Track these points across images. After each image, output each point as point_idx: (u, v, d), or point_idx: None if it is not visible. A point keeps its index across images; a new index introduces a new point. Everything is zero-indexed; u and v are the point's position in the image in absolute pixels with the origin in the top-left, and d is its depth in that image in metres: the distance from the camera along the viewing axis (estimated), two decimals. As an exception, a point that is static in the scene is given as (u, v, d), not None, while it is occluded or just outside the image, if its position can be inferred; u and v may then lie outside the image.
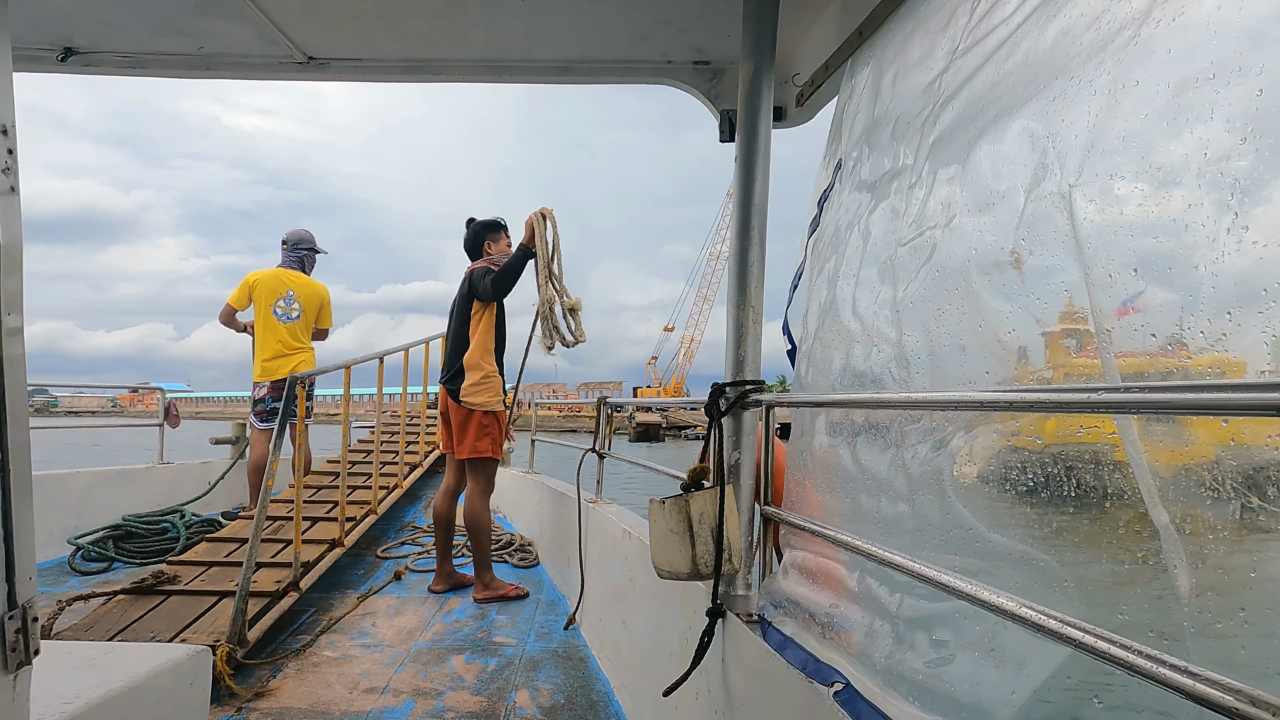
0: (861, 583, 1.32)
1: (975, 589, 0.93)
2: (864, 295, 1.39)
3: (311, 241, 5.52)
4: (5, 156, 1.18)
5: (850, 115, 1.80)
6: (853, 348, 1.42)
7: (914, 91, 1.37)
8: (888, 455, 1.26)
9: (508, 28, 2.33)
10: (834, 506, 1.48)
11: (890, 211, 1.34)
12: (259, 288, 5.19)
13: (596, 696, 2.91)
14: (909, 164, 1.31)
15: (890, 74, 1.55)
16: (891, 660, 1.17)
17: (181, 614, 3.21)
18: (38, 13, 2.25)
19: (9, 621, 1.22)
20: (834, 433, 1.52)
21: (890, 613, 1.21)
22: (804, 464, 1.67)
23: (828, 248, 1.71)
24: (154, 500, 5.43)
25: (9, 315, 1.20)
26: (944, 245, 1.15)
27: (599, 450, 3.91)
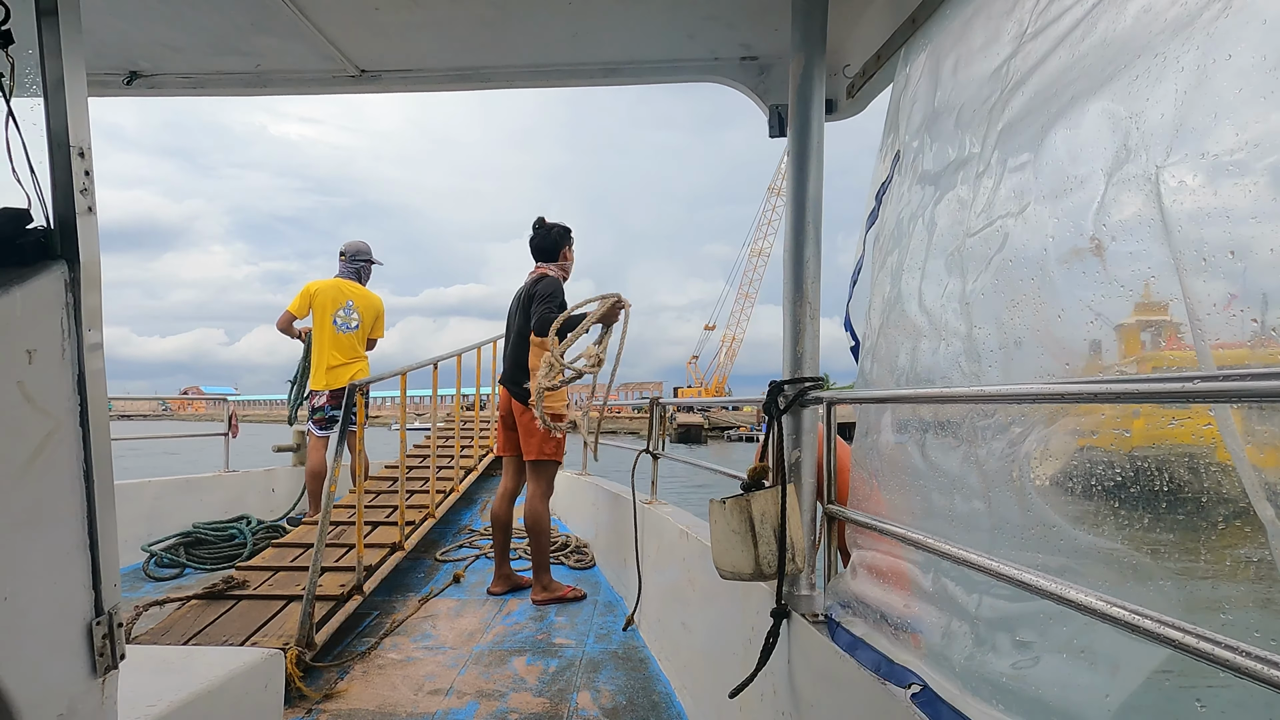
0: (936, 583, 1.29)
1: (1061, 588, 0.89)
2: (931, 288, 1.35)
3: (368, 253, 5.63)
4: (83, 178, 1.23)
5: (907, 105, 1.76)
6: (920, 342, 1.38)
7: (979, 78, 1.33)
8: (960, 452, 1.22)
9: (554, 32, 2.34)
10: (904, 505, 1.44)
11: (956, 202, 1.30)
12: (319, 297, 5.31)
13: (658, 698, 2.90)
14: (975, 152, 1.27)
15: (950, 61, 1.50)
16: (972, 662, 1.14)
17: (251, 618, 3.29)
18: (104, 39, 2.34)
19: (96, 628, 1.27)
20: (902, 430, 1.48)
21: (969, 613, 1.18)
22: (870, 462, 1.64)
23: (889, 241, 1.68)
24: (221, 507, 5.60)
25: (89, 331, 1.25)
26: (1017, 234, 1.11)
27: (653, 451, 3.91)
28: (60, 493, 1.20)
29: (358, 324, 5.37)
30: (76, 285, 1.21)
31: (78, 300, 1.21)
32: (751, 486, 1.90)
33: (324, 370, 5.31)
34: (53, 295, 1.17)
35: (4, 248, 1.14)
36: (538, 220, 4.37)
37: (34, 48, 1.20)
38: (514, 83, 2.61)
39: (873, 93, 2.33)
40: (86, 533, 1.25)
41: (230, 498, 5.77)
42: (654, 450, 3.91)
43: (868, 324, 1.76)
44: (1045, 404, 1.10)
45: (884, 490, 1.54)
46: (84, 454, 1.24)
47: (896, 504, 1.47)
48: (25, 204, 1.18)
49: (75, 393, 1.22)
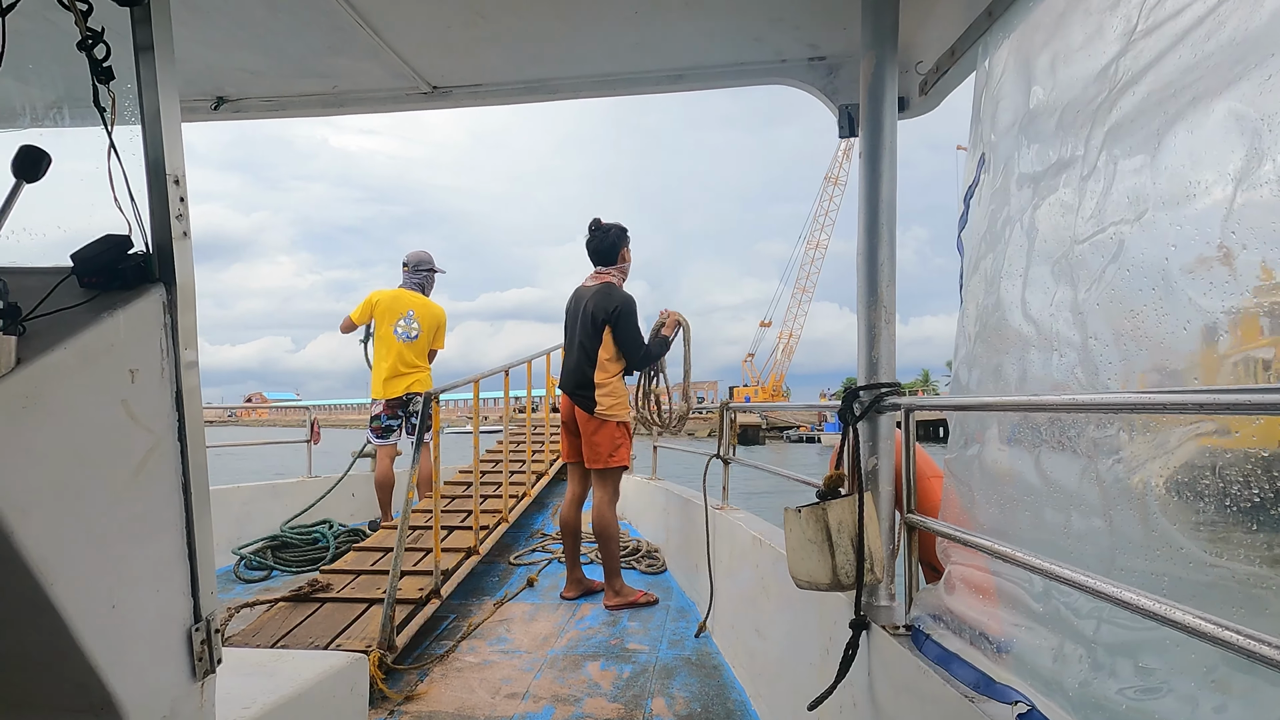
0: (1046, 602, 1.24)
1: (1187, 616, 0.83)
2: (1035, 296, 1.30)
3: (430, 263, 5.74)
4: (178, 204, 1.29)
5: (991, 104, 1.70)
6: (1027, 352, 1.33)
7: (1083, 77, 1.26)
8: (1077, 465, 1.16)
9: (620, 41, 2.35)
10: (1008, 520, 1.38)
11: (1060, 206, 1.24)
12: (380, 306, 5.43)
13: (733, 705, 2.88)
14: (1079, 155, 1.21)
15: (1045, 58, 1.44)
16: (1088, 688, 1.08)
17: (336, 620, 3.40)
18: (194, 67, 2.45)
19: (195, 633, 1.32)
20: (1013, 441, 1.42)
21: (1084, 635, 1.13)
22: (968, 474, 1.58)
23: (981, 246, 1.62)
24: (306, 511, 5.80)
25: (185, 350, 1.31)
26: (1134, 242, 1.05)
27: (724, 456, 3.89)
28: (161, 505, 1.26)
29: (418, 333, 5.46)
30: (174, 307, 1.27)
31: (175, 321, 1.27)
32: (827, 495, 1.87)
33: (382, 380, 5.43)
34: (152, 317, 1.24)
35: (108, 273, 1.21)
36: (594, 222, 4.37)
37: (132, 81, 1.27)
38: (580, 93, 2.63)
39: (947, 89, 2.27)
40: (185, 543, 1.31)
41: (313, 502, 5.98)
42: (725, 455, 3.88)
43: (961, 331, 1.70)
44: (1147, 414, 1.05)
45: (986, 504, 1.48)
46: (182, 467, 1.30)
47: (997, 517, 1.41)
48: (126, 230, 1.25)
49: (174, 409, 1.28)
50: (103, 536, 1.13)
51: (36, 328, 1.07)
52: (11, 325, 1.00)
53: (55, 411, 1.05)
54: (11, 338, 0.99)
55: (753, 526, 3.25)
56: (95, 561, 1.12)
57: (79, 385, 1.09)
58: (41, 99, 1.53)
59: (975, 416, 1.61)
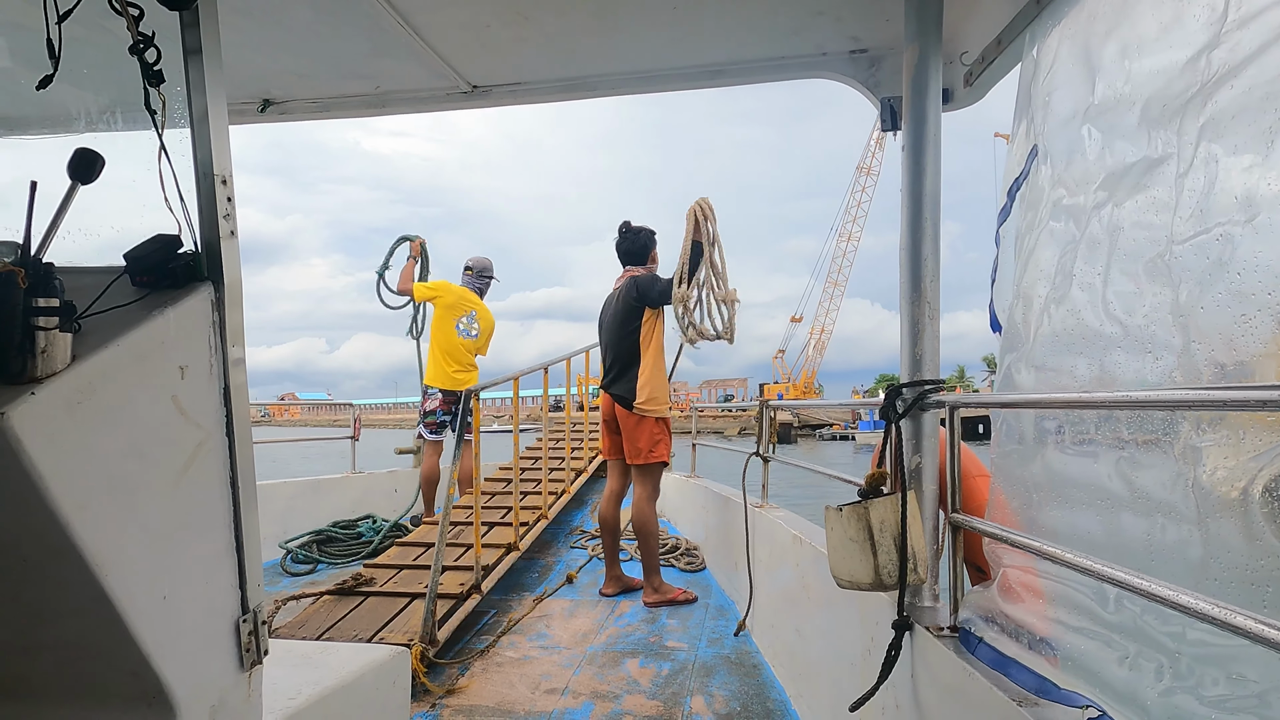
0: (1117, 606, 1.19)
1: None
2: (1123, 297, 1.24)
3: (492, 270, 5.88)
4: (226, 204, 1.31)
5: (1042, 95, 1.64)
6: (1109, 354, 1.27)
7: (1165, 69, 1.20)
8: (1169, 470, 1.11)
9: (658, 37, 2.34)
10: (1075, 524, 1.33)
11: (1153, 204, 1.19)
12: (450, 297, 5.53)
13: (773, 705, 2.86)
14: (1171, 151, 1.16)
15: (1113, 49, 1.38)
16: (1170, 696, 1.04)
17: (379, 614, 3.45)
18: (241, 71, 2.50)
19: (243, 625, 1.35)
20: (1080, 441, 1.37)
21: (1164, 645, 1.08)
22: (1024, 475, 1.52)
23: (1036, 240, 1.56)
24: (348, 506, 5.91)
25: (233, 347, 1.33)
26: (1246, 245, 1.01)
27: (763, 454, 3.86)
28: (210, 499, 1.29)
29: (476, 334, 5.58)
30: (221, 305, 1.30)
31: (223, 319, 1.30)
32: (869, 493, 1.84)
33: (447, 372, 5.52)
34: (201, 315, 1.26)
35: (159, 272, 1.23)
36: (624, 224, 4.41)
37: (181, 85, 1.30)
38: (619, 90, 2.63)
39: (992, 80, 2.21)
40: (233, 536, 1.34)
41: (356, 497, 6.08)
42: (764, 453, 3.86)
43: (1014, 328, 1.64)
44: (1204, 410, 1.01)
45: (1047, 505, 1.43)
46: (230, 462, 1.32)
47: (1067, 522, 1.36)
48: (176, 230, 1.28)
49: (222, 405, 1.30)
50: (155, 530, 1.16)
51: (91, 325, 1.09)
52: (67, 323, 1.02)
53: (109, 407, 1.08)
54: (67, 335, 1.02)
55: (793, 525, 3.22)
56: (148, 554, 1.15)
57: (131, 381, 1.12)
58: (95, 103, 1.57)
59: (1031, 415, 1.56)
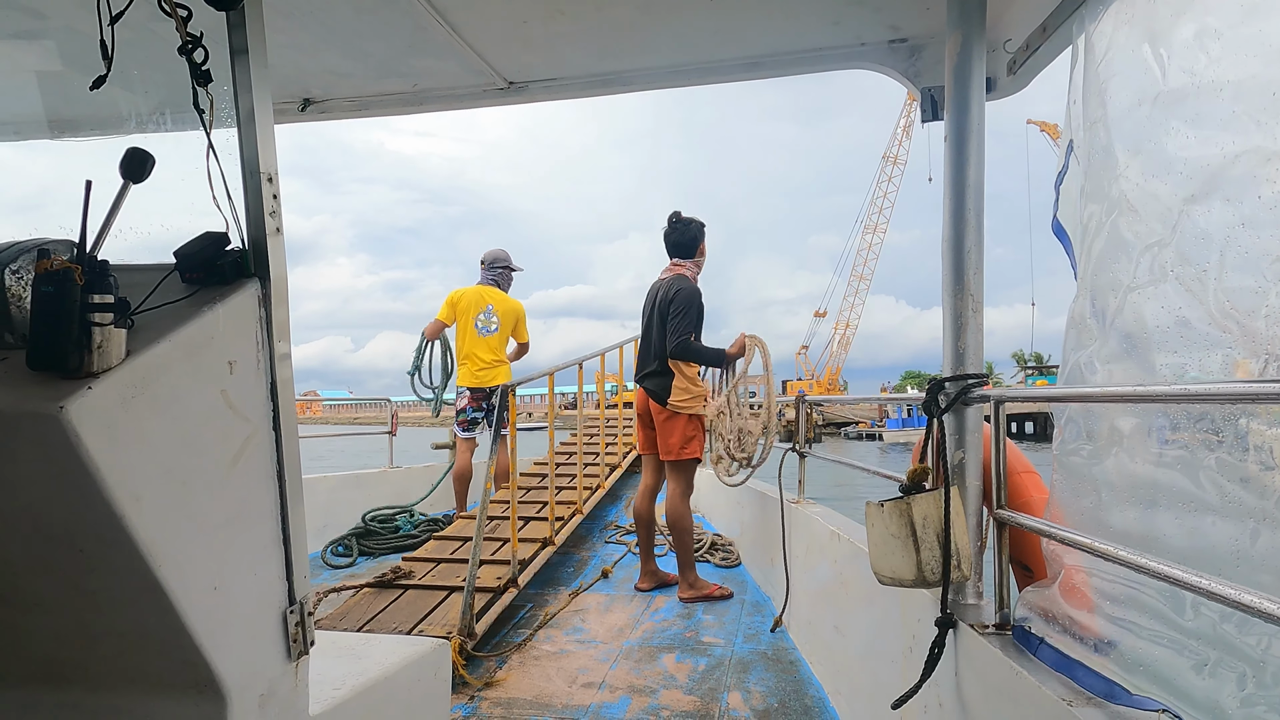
0: (1194, 612, 1.16)
1: None
2: (1238, 294, 1.19)
3: (507, 260, 5.86)
4: (272, 201, 1.33)
5: (1095, 81, 1.59)
6: (1211, 354, 1.22)
7: (1261, 51, 1.16)
8: (1261, 475, 1.07)
9: (695, 30, 2.33)
10: (1152, 528, 1.29)
11: (1267, 200, 1.14)
12: (462, 303, 5.57)
13: (810, 702, 2.84)
14: None
15: (1187, 30, 1.32)
16: (1252, 708, 1.02)
17: (418, 606, 3.50)
18: (283, 70, 2.54)
19: (290, 616, 1.37)
20: (1162, 442, 1.32)
21: (1243, 650, 1.05)
22: (1093, 474, 1.48)
23: (1105, 234, 1.50)
24: (386, 500, 5.99)
25: (279, 342, 1.35)
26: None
27: (800, 449, 3.83)
28: (258, 492, 1.31)
29: (497, 327, 5.58)
30: (268, 300, 1.32)
31: (269, 314, 1.32)
32: (911, 489, 1.81)
33: (470, 371, 5.56)
34: (249, 310, 1.28)
35: (208, 268, 1.26)
36: (674, 214, 4.37)
37: (228, 84, 1.32)
38: (656, 84, 2.62)
39: (1037, 68, 2.16)
40: (280, 528, 1.36)
41: (395, 492, 6.16)
42: (801, 449, 3.83)
43: (1080, 326, 1.59)
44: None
45: (1118, 506, 1.38)
46: (277, 456, 1.34)
47: (1143, 525, 1.32)
48: (224, 227, 1.30)
49: (269, 399, 1.32)
50: (205, 521, 1.18)
51: (143, 321, 1.12)
52: (122, 319, 1.05)
53: (162, 401, 1.10)
54: (122, 330, 1.04)
55: (830, 521, 3.20)
56: (199, 545, 1.17)
57: (183, 376, 1.14)
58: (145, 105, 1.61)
59: (1101, 412, 1.50)
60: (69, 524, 1.07)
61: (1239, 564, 1.10)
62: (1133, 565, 1.19)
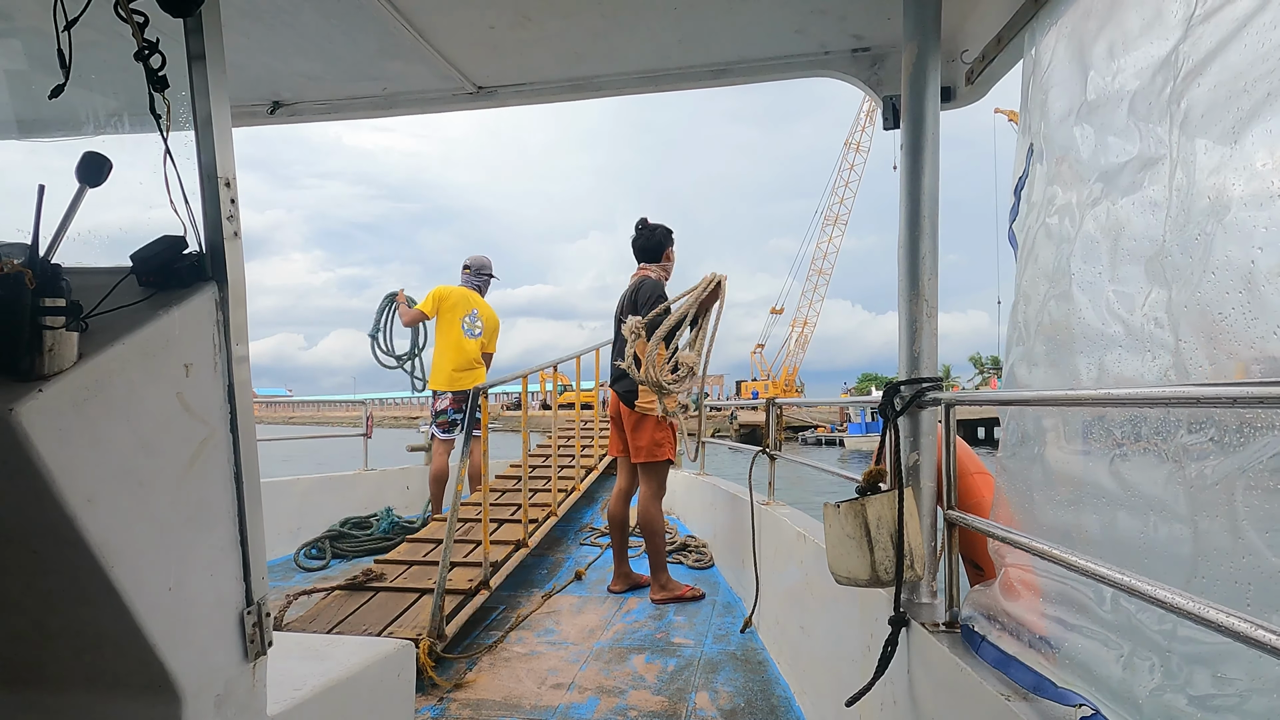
0: (1114, 606, 1.20)
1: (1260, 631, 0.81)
2: (1124, 297, 1.25)
3: (490, 268, 5.90)
4: (229, 206, 1.34)
5: (1040, 93, 1.64)
6: (1109, 353, 1.28)
7: (1150, 64, 1.21)
8: (1164, 469, 1.12)
9: (662, 38, 2.36)
10: (1073, 523, 1.34)
11: (1149, 204, 1.19)
12: (448, 300, 5.56)
13: (776, 701, 2.87)
14: (1163, 153, 1.16)
15: (1102, 46, 1.38)
16: (1160, 697, 1.06)
17: (388, 609, 3.50)
18: (252, 72, 2.54)
19: (248, 616, 1.38)
20: (1080, 440, 1.37)
21: (1158, 644, 1.09)
22: (1026, 474, 1.53)
23: (1035, 239, 1.56)
24: (361, 503, 5.97)
25: (237, 345, 1.36)
26: (1219, 244, 1.02)
27: (770, 452, 3.87)
28: (216, 493, 1.32)
29: (480, 331, 5.61)
30: (225, 304, 1.33)
31: (227, 317, 1.33)
32: (867, 490, 1.85)
33: (448, 372, 5.55)
34: (206, 314, 1.29)
35: (165, 272, 1.27)
36: (641, 221, 4.42)
37: (186, 89, 1.33)
38: (624, 90, 2.65)
39: (994, 78, 2.22)
40: (238, 530, 1.37)
41: (369, 494, 6.14)
42: (771, 451, 3.87)
43: (1015, 327, 1.64)
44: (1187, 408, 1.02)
45: (1049, 505, 1.43)
46: (235, 458, 1.35)
47: (1066, 521, 1.37)
48: (181, 231, 1.31)
49: (226, 402, 1.34)
50: (161, 523, 1.19)
51: (98, 324, 1.13)
52: (74, 322, 1.05)
53: (116, 403, 1.11)
54: (74, 334, 1.05)
55: (797, 522, 3.24)
56: (154, 547, 1.18)
57: (138, 378, 1.15)
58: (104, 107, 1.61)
59: (1033, 415, 1.56)
60: (22, 525, 1.07)
61: (1145, 557, 1.15)
62: (1051, 558, 1.24)
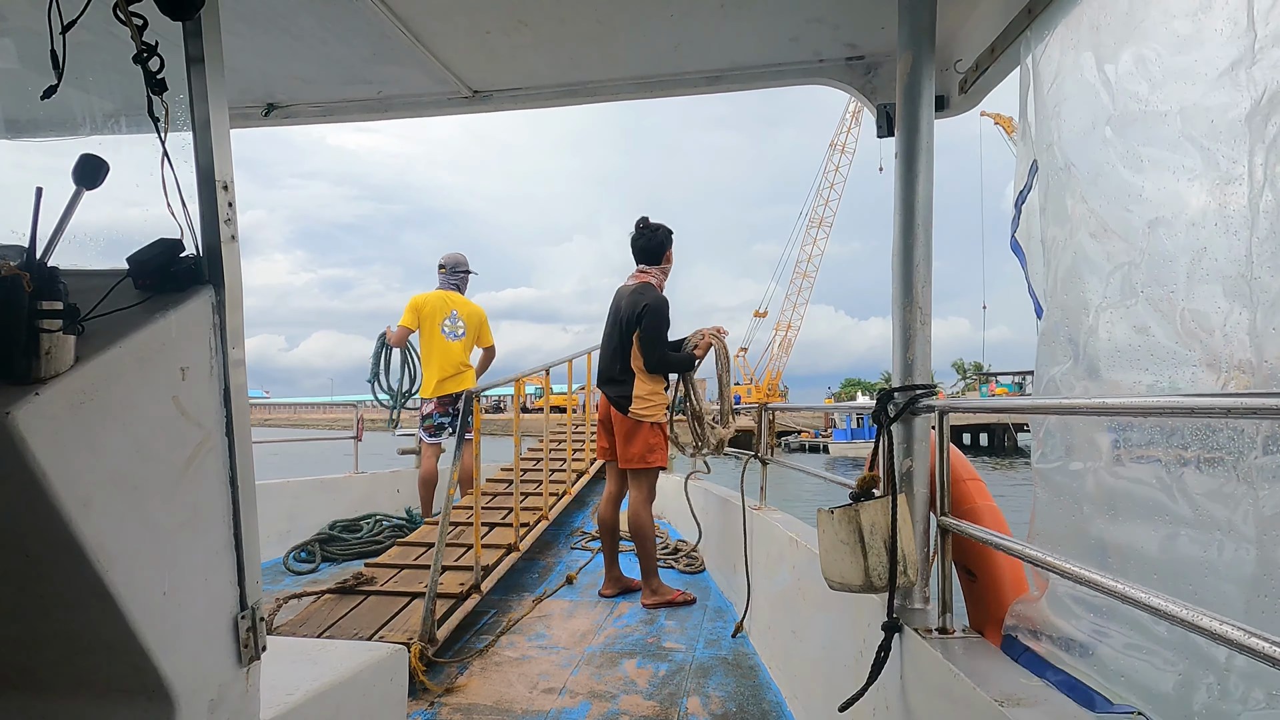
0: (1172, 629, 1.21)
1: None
2: (1199, 315, 1.24)
3: (466, 264, 5.83)
4: (227, 209, 1.34)
5: (1050, 105, 1.64)
6: (1182, 371, 1.27)
7: (1198, 82, 1.21)
8: (1230, 487, 1.11)
9: (657, 44, 2.37)
10: (1130, 539, 1.33)
11: (1225, 224, 1.19)
12: (426, 308, 5.52)
13: (768, 706, 2.88)
14: (1239, 171, 1.15)
15: (1127, 59, 1.37)
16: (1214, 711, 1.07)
17: (379, 612, 3.48)
18: (247, 75, 2.54)
19: (242, 621, 1.38)
20: (1137, 455, 1.36)
21: (1217, 662, 1.10)
22: (1076, 488, 1.51)
23: (1073, 254, 1.55)
24: (352, 506, 5.94)
25: (233, 349, 1.36)
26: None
27: (762, 457, 3.88)
28: (211, 497, 1.31)
29: (464, 331, 5.55)
30: (222, 307, 1.33)
31: (223, 321, 1.33)
32: (860, 496, 1.86)
33: (435, 381, 5.51)
34: (202, 317, 1.29)
35: (161, 275, 1.26)
36: (641, 220, 4.40)
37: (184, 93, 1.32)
38: (619, 95, 2.66)
39: (987, 87, 2.24)
40: (233, 534, 1.36)
41: (360, 497, 6.12)
42: (764, 456, 3.88)
43: (1054, 342, 1.63)
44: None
45: (1103, 521, 1.42)
46: (230, 461, 1.35)
47: (1122, 537, 1.36)
48: (178, 234, 1.30)
49: (222, 406, 1.33)
50: (156, 527, 1.19)
51: (95, 327, 1.12)
52: (71, 325, 1.05)
53: (112, 407, 1.10)
54: (70, 337, 1.04)
55: (789, 528, 3.24)
56: (149, 551, 1.17)
57: (134, 382, 1.14)
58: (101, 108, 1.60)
59: (1083, 427, 1.54)
60: (16, 529, 1.07)
61: (1206, 575, 1.15)
62: (1046, 565, 1.24)
